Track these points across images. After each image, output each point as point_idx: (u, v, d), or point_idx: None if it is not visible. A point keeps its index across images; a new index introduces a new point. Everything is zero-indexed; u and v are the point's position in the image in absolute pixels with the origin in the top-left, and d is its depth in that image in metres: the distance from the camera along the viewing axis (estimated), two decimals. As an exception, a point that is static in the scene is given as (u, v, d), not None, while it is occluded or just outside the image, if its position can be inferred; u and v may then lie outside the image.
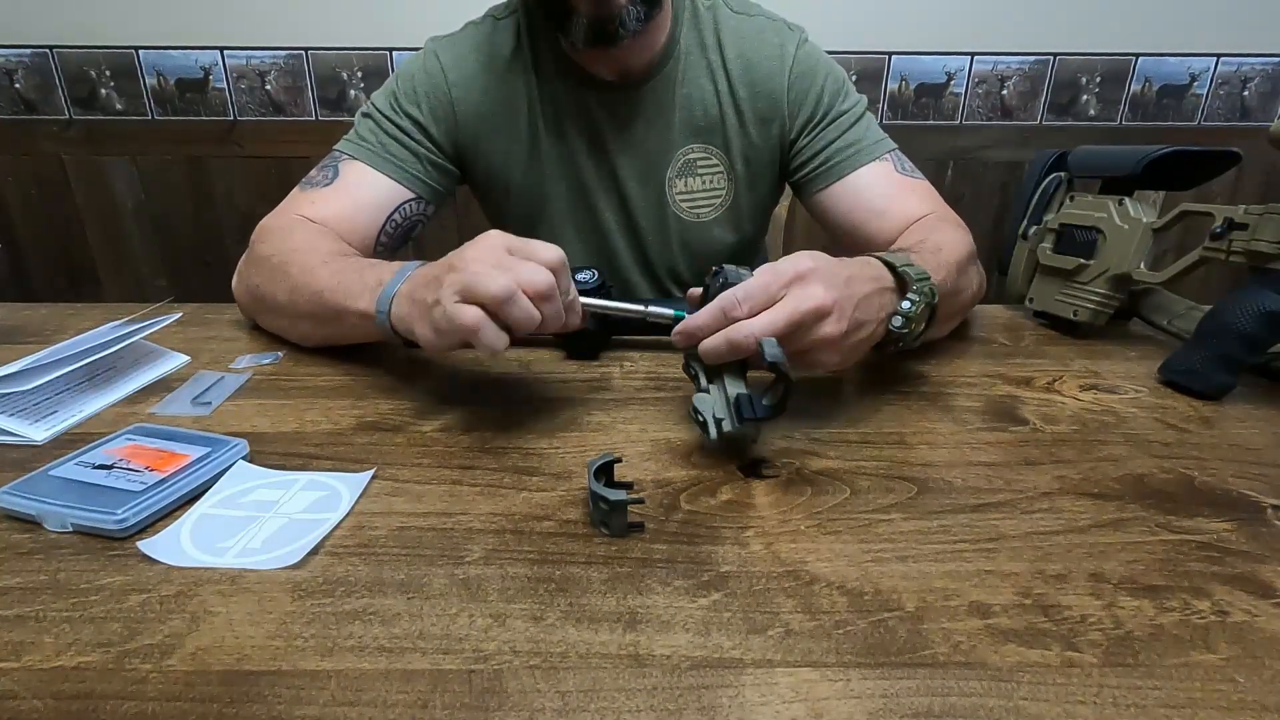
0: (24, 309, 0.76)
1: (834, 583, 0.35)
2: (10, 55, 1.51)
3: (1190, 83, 1.56)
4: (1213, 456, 0.47)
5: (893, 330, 0.50)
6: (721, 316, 0.45)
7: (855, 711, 0.27)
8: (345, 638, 0.31)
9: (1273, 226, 0.53)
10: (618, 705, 0.28)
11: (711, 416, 0.44)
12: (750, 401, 0.43)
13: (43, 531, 0.38)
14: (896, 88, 1.55)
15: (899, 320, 0.50)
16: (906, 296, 0.50)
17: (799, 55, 0.77)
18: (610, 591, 0.34)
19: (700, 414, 0.44)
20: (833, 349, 0.46)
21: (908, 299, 0.50)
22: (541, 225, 0.82)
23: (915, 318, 0.50)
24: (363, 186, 0.72)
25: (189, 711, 0.27)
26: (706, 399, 0.45)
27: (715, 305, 0.46)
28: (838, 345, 0.46)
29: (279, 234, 0.67)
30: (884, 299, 0.49)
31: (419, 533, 0.38)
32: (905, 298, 0.50)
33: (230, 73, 1.52)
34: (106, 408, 0.53)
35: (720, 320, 0.45)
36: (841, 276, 0.46)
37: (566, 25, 0.68)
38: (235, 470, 0.43)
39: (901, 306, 0.50)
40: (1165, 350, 0.61)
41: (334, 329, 0.59)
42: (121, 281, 1.67)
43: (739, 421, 0.42)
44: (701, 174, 0.80)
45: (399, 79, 0.76)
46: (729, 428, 0.43)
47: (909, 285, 0.50)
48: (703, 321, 0.46)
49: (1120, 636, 0.31)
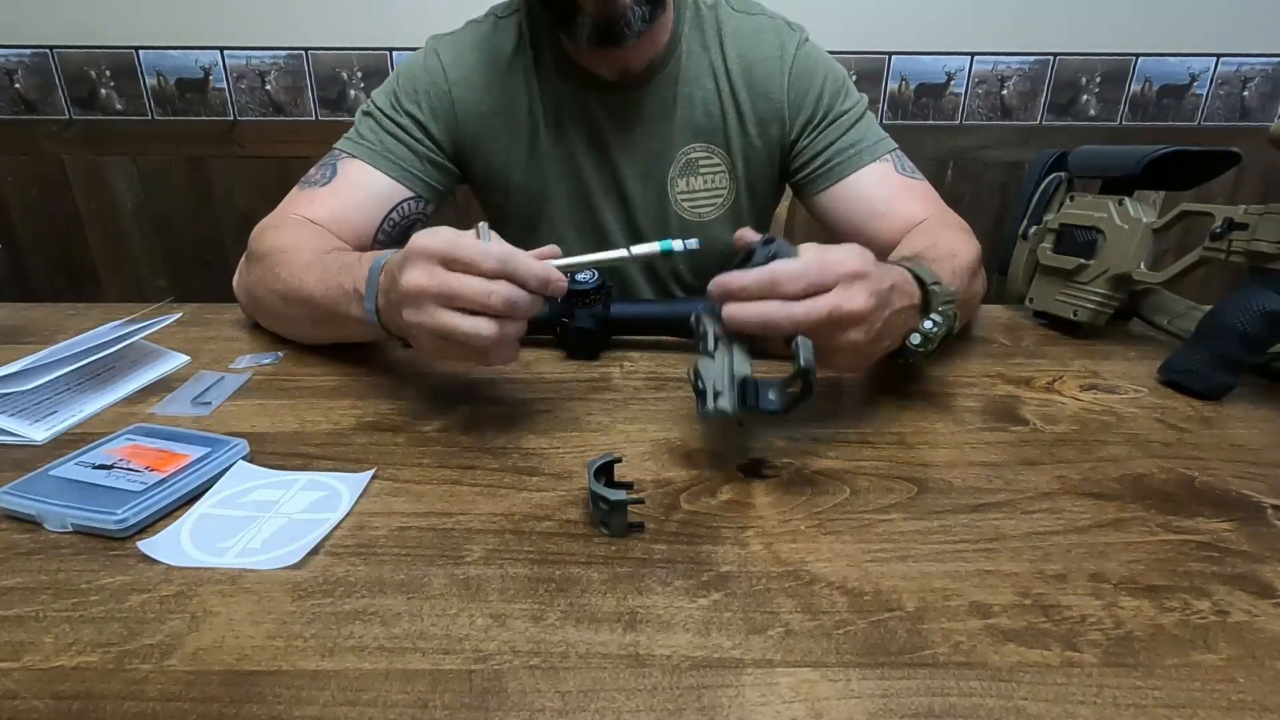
0: (24, 309, 0.76)
1: (834, 583, 0.35)
2: (10, 55, 1.51)
3: (1190, 83, 1.56)
4: (1213, 456, 0.47)
5: (910, 346, 0.49)
6: (770, 287, 0.43)
7: (855, 711, 0.27)
8: (345, 638, 0.31)
9: (1273, 226, 0.53)
10: (618, 705, 0.28)
11: (712, 387, 0.42)
12: (757, 391, 0.42)
13: (43, 531, 0.38)
14: (896, 88, 1.55)
15: (918, 338, 0.49)
16: (930, 317, 0.50)
17: (799, 55, 0.77)
18: (610, 591, 0.34)
19: (701, 381, 0.42)
20: (850, 354, 0.46)
21: (931, 319, 0.50)
22: (542, 225, 0.82)
23: (935, 338, 0.50)
24: (360, 185, 0.72)
25: (189, 711, 0.27)
26: (711, 366, 0.43)
27: (766, 273, 0.43)
28: (858, 352, 0.46)
29: (273, 233, 0.67)
30: (908, 316, 0.49)
31: (419, 533, 0.38)
32: (929, 317, 0.50)
33: (230, 73, 1.52)
34: (106, 408, 0.53)
35: (767, 290, 0.43)
36: (885, 286, 0.46)
37: (571, 24, 0.67)
38: (235, 470, 0.43)
39: (923, 326, 0.49)
40: (1165, 350, 0.61)
41: (332, 332, 0.59)
42: (121, 281, 1.67)
43: (740, 406, 0.41)
44: (703, 173, 0.80)
45: (399, 77, 0.76)
46: (726, 406, 0.41)
47: (933, 304, 0.50)
48: (748, 283, 0.43)
49: (1120, 636, 0.31)
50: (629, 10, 0.66)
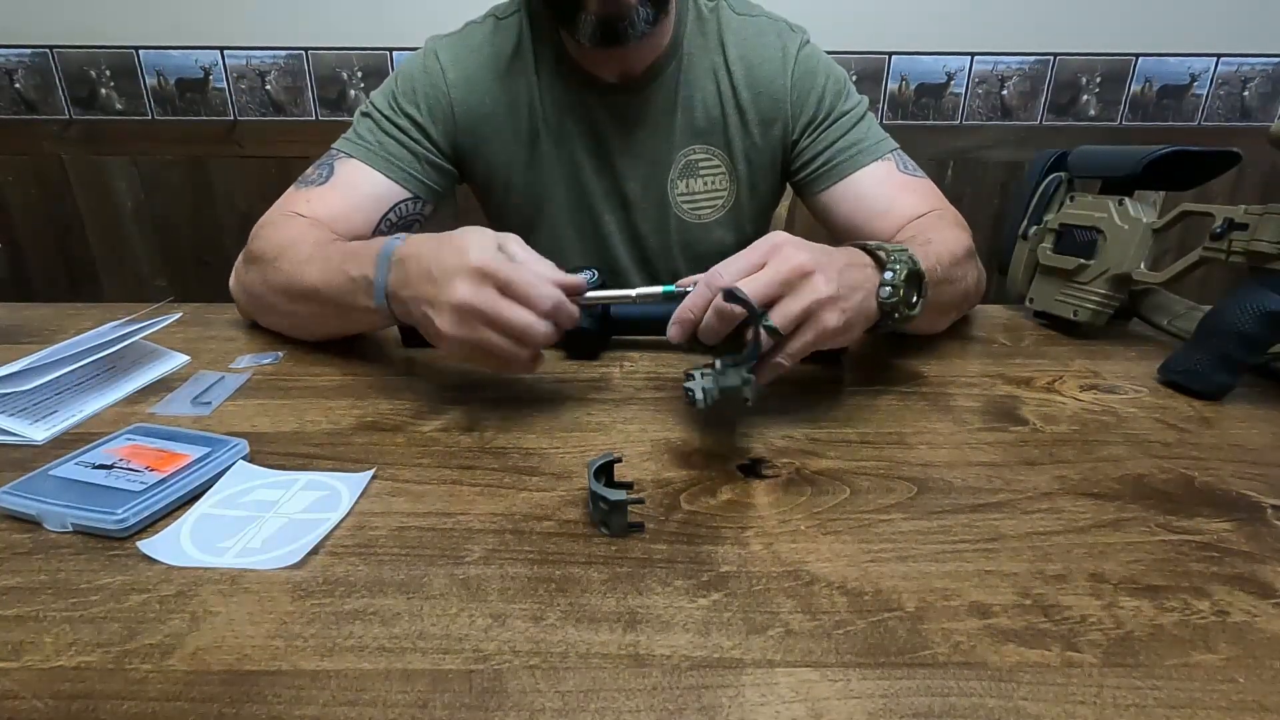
0: (24, 309, 0.76)
1: (834, 583, 0.35)
2: (10, 55, 1.51)
3: (1190, 83, 1.56)
4: (1213, 456, 0.47)
5: (883, 301, 0.49)
6: (707, 289, 0.45)
7: (855, 711, 0.27)
8: (345, 638, 0.31)
9: (1273, 226, 0.53)
10: (618, 705, 0.28)
11: (700, 388, 0.44)
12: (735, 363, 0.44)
13: (43, 531, 0.38)
14: (896, 88, 1.55)
15: (887, 290, 0.49)
16: (887, 267, 0.50)
17: (800, 56, 0.77)
18: (610, 591, 0.34)
19: (690, 390, 0.44)
20: (833, 308, 0.45)
21: (889, 269, 0.50)
22: (541, 226, 0.82)
23: (900, 284, 0.49)
24: (357, 185, 0.72)
25: (189, 711, 0.27)
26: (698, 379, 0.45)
27: (700, 282, 0.46)
28: (836, 304, 0.45)
29: (270, 231, 0.66)
30: (866, 273, 0.49)
31: (419, 533, 0.38)
32: (886, 268, 0.50)
33: (230, 73, 1.52)
34: (106, 408, 0.53)
35: (706, 294, 0.45)
36: (816, 248, 0.47)
37: (574, 22, 0.67)
38: (235, 470, 0.43)
39: (885, 276, 0.50)
40: (1165, 350, 0.61)
41: (336, 324, 0.59)
42: (121, 281, 1.67)
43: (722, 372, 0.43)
44: (703, 175, 0.80)
45: (398, 78, 0.76)
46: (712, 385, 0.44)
47: (884, 260, 0.50)
48: (691, 302, 0.46)
49: (1120, 636, 0.31)
50: (634, 11, 0.66)
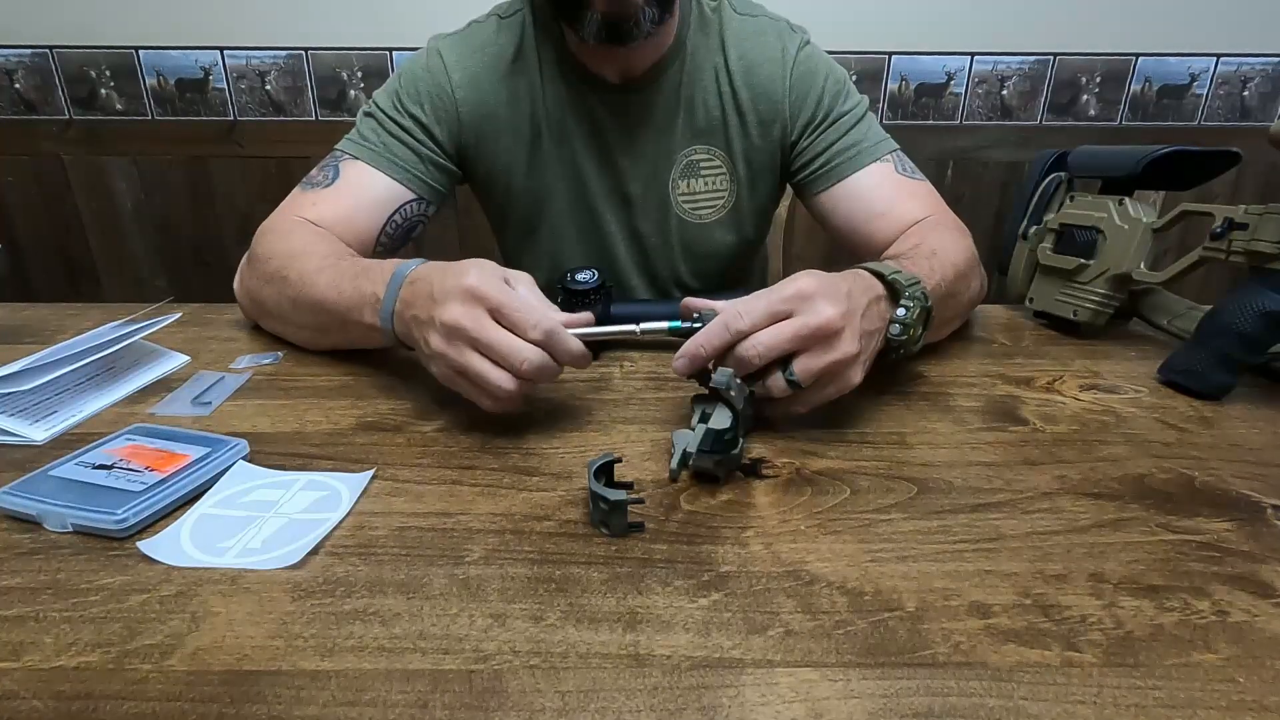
0: (24, 309, 0.76)
1: (834, 583, 0.35)
2: (10, 55, 1.51)
3: (1190, 83, 1.56)
4: (1213, 456, 0.47)
5: (892, 339, 0.50)
6: (724, 330, 0.44)
7: (855, 711, 0.27)
8: (345, 638, 0.31)
9: (1273, 226, 0.53)
10: (618, 705, 0.28)
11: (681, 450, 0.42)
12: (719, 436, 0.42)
13: (43, 531, 0.38)
14: (896, 88, 1.55)
15: (897, 328, 0.50)
16: (900, 303, 0.50)
17: (800, 57, 0.77)
18: (610, 591, 0.34)
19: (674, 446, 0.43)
20: (855, 365, 0.46)
21: (902, 305, 0.50)
22: (542, 226, 0.82)
23: (912, 323, 0.50)
24: (363, 187, 0.72)
25: (189, 711, 0.27)
26: (686, 434, 0.43)
27: (718, 321, 0.45)
28: (859, 360, 0.46)
29: (277, 237, 0.66)
30: (880, 307, 0.49)
31: (419, 533, 0.38)
32: (899, 304, 0.50)
33: (230, 73, 1.52)
34: (106, 408, 0.53)
35: (724, 334, 0.44)
36: (842, 291, 0.46)
37: (579, 20, 0.67)
38: (235, 470, 0.43)
39: (897, 314, 0.50)
40: (1165, 350, 0.61)
41: (340, 338, 0.59)
42: (121, 281, 1.67)
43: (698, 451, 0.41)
44: (704, 175, 0.80)
45: (402, 78, 0.76)
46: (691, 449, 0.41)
47: (900, 292, 0.50)
48: (705, 339, 0.45)
49: (1120, 636, 0.31)
50: (640, 10, 0.66)
